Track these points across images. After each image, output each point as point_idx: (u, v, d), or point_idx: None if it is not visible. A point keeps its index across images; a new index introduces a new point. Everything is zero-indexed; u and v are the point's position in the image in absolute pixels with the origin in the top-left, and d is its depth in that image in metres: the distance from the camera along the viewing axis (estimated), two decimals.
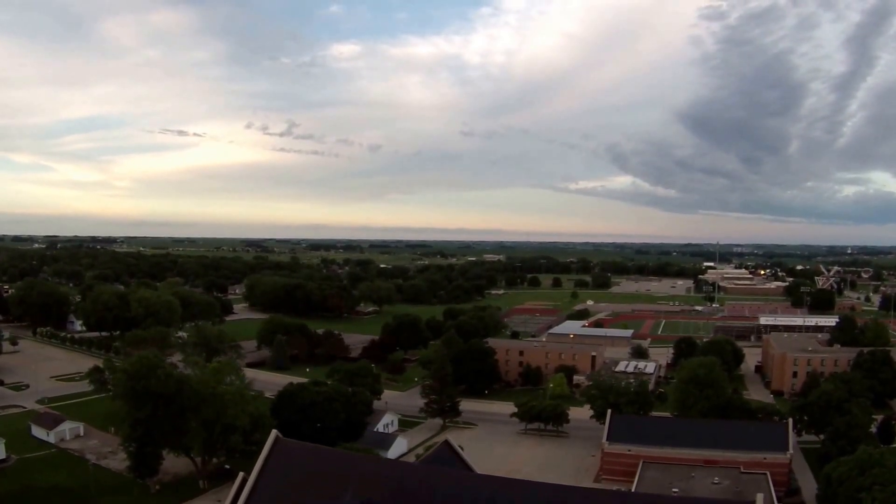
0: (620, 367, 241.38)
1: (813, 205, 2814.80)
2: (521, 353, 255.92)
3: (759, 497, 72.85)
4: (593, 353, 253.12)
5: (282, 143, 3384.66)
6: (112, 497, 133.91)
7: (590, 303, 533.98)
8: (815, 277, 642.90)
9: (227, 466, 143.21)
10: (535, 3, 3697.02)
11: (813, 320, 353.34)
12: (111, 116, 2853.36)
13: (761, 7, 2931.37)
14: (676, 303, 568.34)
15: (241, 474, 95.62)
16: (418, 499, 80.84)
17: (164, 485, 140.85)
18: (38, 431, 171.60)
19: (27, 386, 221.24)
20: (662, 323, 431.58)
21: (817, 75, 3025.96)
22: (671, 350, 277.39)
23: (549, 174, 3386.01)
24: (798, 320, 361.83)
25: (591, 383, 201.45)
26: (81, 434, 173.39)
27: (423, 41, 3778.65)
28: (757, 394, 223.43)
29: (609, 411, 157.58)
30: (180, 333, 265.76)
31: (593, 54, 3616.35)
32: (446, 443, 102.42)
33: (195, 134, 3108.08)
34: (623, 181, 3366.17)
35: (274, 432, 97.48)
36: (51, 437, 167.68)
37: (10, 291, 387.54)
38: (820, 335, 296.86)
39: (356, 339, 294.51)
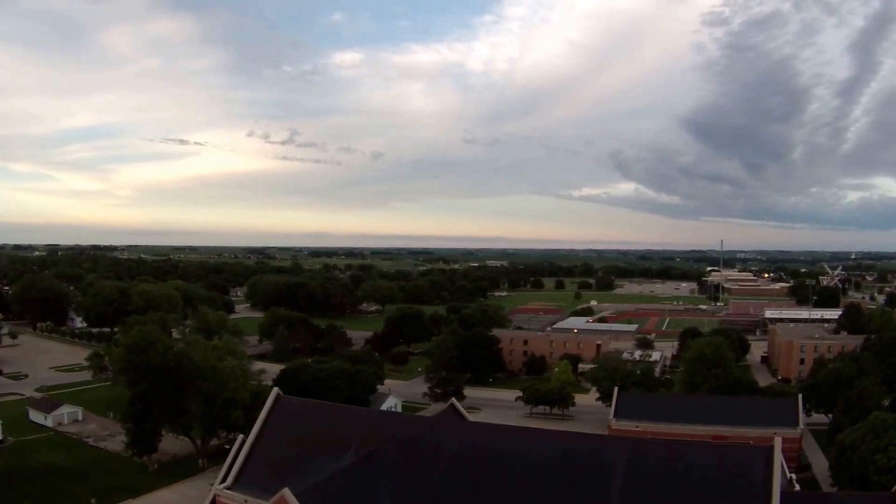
0: (626, 356, 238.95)
1: (817, 211, 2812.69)
2: (526, 342, 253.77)
3: (777, 440, 70.65)
4: (598, 342, 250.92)
5: (283, 151, 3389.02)
6: (109, 475, 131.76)
7: (593, 303, 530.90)
8: (820, 277, 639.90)
9: (228, 447, 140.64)
10: (537, 11, 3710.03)
11: (818, 313, 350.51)
12: (112, 125, 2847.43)
13: (764, 13, 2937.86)
14: (680, 302, 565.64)
15: (240, 436, 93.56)
16: (426, 450, 78.55)
17: (162, 464, 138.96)
18: (35, 416, 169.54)
19: (26, 375, 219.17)
20: (667, 320, 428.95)
21: (820, 81, 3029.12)
22: (676, 343, 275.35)
23: (552, 181, 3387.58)
24: (804, 313, 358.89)
25: (596, 366, 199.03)
26: (80, 419, 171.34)
27: (425, 49, 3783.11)
28: (764, 382, 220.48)
29: (616, 389, 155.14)
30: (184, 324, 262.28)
31: (596, 61, 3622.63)
32: (451, 405, 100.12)
33: (196, 143, 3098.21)
34: (626, 188, 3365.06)
35: (275, 390, 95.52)
36: (48, 421, 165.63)
37: (9, 291, 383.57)
38: (826, 325, 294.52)
39: (359, 336, 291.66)
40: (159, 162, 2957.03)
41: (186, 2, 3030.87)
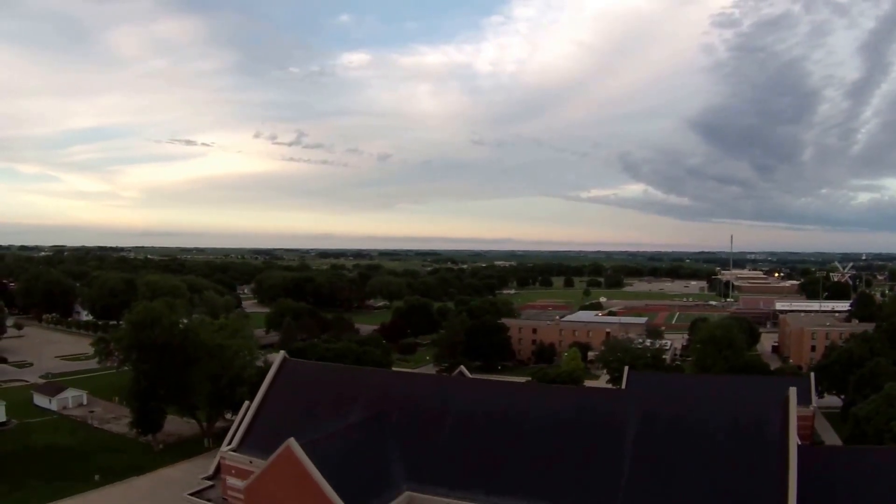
0: (637, 343, 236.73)
1: (827, 212, 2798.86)
2: (535, 331, 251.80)
3: (792, 391, 68.94)
4: (608, 330, 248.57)
5: (290, 152, 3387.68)
6: (113, 455, 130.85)
7: (602, 299, 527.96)
8: (830, 274, 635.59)
9: None
10: (545, 12, 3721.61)
11: (829, 305, 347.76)
12: (118, 126, 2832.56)
13: (774, 14, 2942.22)
14: (690, 299, 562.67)
15: (246, 402, 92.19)
16: (433, 408, 77.18)
17: (167, 445, 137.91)
18: (39, 400, 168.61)
19: (31, 364, 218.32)
20: (676, 315, 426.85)
21: (831, 82, 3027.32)
22: (686, 335, 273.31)
23: (561, 183, 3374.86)
24: (814, 305, 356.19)
25: (606, 349, 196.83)
26: (84, 403, 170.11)
27: (433, 50, 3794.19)
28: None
29: (626, 368, 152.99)
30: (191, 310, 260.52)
31: (605, 62, 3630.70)
32: (460, 372, 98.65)
33: (203, 144, 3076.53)
34: (635, 189, 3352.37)
35: (282, 353, 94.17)
36: (53, 405, 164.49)
37: (14, 286, 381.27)
38: (837, 315, 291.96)
39: (366, 329, 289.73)
40: (166, 163, 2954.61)
41: (193, 3, 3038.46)
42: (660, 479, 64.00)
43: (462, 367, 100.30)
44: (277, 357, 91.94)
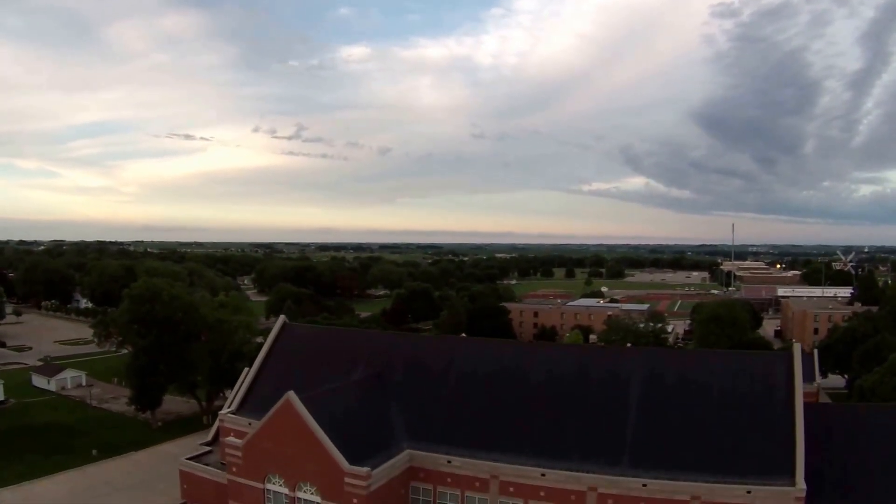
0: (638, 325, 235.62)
1: (829, 205, 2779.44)
2: (536, 314, 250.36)
3: (796, 346, 68.31)
4: (610, 313, 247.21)
5: (290, 146, 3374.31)
6: (112, 431, 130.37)
7: (604, 289, 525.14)
8: (833, 263, 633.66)
9: None
10: (547, 4, 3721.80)
11: (831, 291, 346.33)
12: (118, 121, 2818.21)
13: (774, 3, 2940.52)
14: (692, 288, 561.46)
15: (245, 369, 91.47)
16: (434, 367, 76.42)
17: (166, 423, 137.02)
18: (38, 381, 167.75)
19: (30, 348, 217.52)
20: (678, 303, 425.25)
21: (832, 73, 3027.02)
22: (688, 321, 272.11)
23: (562, 176, 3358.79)
24: (816, 291, 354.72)
25: (608, 329, 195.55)
26: (83, 383, 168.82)
27: (434, 43, 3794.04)
28: None
29: (629, 346, 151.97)
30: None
31: (606, 55, 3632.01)
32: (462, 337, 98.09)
33: (202, 138, 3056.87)
34: (637, 182, 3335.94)
35: (282, 317, 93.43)
36: (51, 385, 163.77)
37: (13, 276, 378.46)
38: (839, 299, 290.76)
39: (367, 316, 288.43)
40: (165, 158, 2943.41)
41: None
42: (666, 434, 63.17)
43: (464, 335, 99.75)
44: (278, 321, 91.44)
